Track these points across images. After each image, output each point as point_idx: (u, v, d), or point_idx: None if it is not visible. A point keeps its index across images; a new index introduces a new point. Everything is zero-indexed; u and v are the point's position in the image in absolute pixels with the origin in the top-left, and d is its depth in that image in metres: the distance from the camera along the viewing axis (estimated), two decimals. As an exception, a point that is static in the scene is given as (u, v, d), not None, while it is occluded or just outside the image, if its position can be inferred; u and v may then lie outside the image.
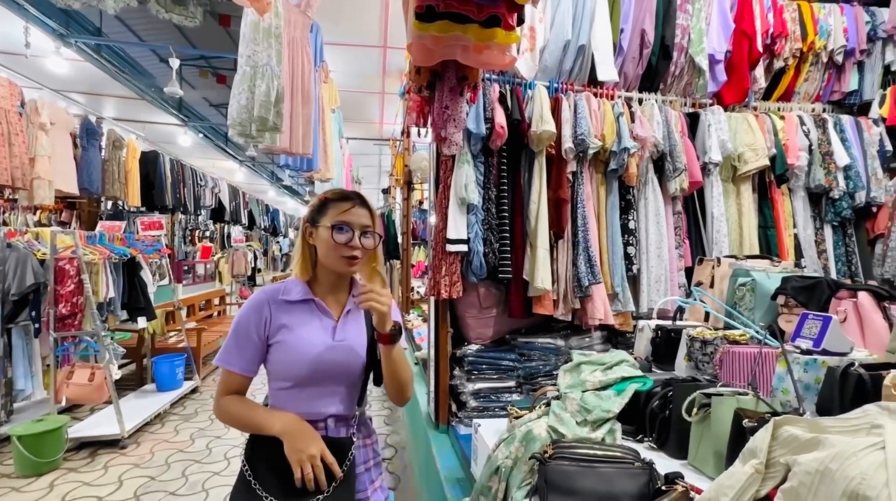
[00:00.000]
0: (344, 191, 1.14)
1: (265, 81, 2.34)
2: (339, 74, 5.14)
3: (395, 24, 4.15)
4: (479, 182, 2.09)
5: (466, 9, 1.37)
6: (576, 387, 1.30)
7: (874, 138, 2.66)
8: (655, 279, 2.27)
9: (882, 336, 1.26)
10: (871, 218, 2.68)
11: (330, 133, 3.95)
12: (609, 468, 0.93)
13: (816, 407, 0.99)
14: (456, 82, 1.67)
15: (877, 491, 0.54)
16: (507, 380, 2.10)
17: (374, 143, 7.49)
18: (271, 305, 1.09)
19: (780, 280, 1.55)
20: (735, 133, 2.45)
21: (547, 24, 2.26)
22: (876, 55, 2.75)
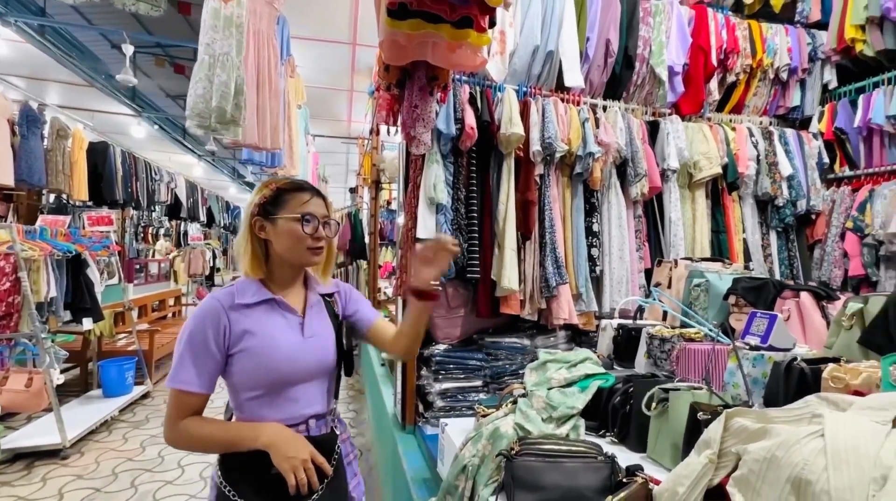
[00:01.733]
0: (296, 181, 1.08)
1: (225, 71, 2.25)
2: (307, 69, 5.03)
3: (365, 20, 4.10)
4: (448, 182, 2.10)
5: (439, 8, 1.37)
6: (542, 385, 1.33)
7: (814, 151, 2.87)
8: (617, 280, 2.35)
9: (820, 333, 1.36)
10: (811, 225, 2.89)
11: (296, 129, 3.85)
12: (573, 462, 0.95)
13: (764, 399, 1.06)
14: (426, 82, 1.67)
15: (817, 476, 0.58)
16: (475, 380, 2.12)
17: (341, 141, 7.36)
18: (228, 311, 0.99)
19: (731, 281, 1.64)
20: (691, 142, 2.58)
21: (517, 28, 2.29)
22: (816, 74, 2.97)
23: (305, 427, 1.05)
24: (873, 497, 0.52)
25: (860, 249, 2.56)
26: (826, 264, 2.75)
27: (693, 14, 2.67)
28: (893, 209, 2.40)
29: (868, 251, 2.53)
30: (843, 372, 0.91)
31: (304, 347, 1.05)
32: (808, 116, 2.99)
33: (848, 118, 2.80)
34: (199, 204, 8.74)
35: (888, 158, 2.64)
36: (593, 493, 0.91)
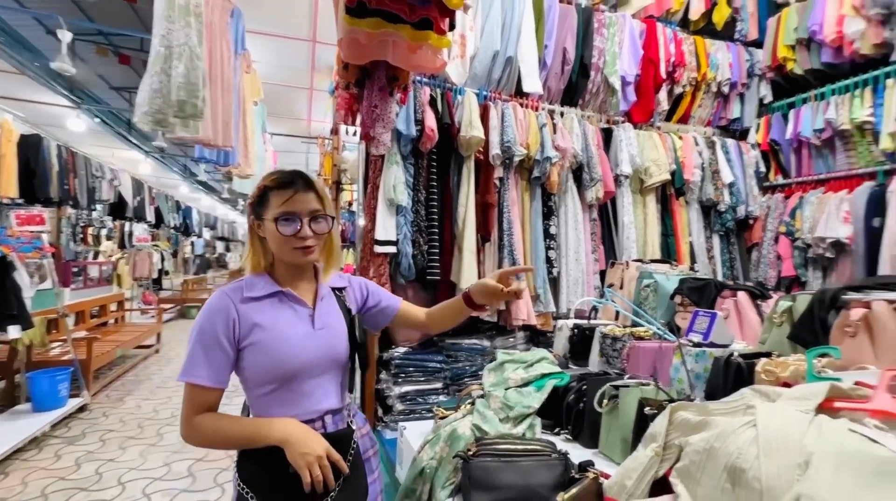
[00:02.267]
0: (283, 175, 1.01)
1: (183, 61, 2.13)
2: (264, 65, 4.87)
3: (324, 17, 4.02)
4: (408, 184, 2.09)
5: (399, 8, 1.37)
6: (499, 385, 1.34)
7: (752, 160, 3.08)
8: (574, 281, 2.42)
9: (756, 329, 1.46)
10: (749, 229, 3.10)
11: (252, 127, 3.72)
12: (528, 461, 0.97)
13: (705, 393, 1.11)
14: (386, 82, 1.66)
15: (750, 463, 0.61)
16: (435, 382, 2.11)
17: (301, 140, 7.18)
18: (237, 305, 0.97)
19: (678, 282, 1.73)
20: (642, 149, 2.70)
21: (477, 33, 2.32)
22: (753, 89, 3.19)
23: (322, 423, 1.01)
24: (797, 481, 0.56)
25: (792, 251, 2.77)
26: (762, 265, 2.95)
27: (644, 27, 2.80)
28: (819, 215, 2.62)
29: (798, 254, 2.74)
30: (774, 366, 0.98)
31: (314, 338, 1.02)
32: (747, 128, 3.21)
33: (781, 131, 3.02)
34: (147, 203, 8.24)
35: (815, 168, 2.88)
36: (547, 490, 0.92)
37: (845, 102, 2.66)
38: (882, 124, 2.47)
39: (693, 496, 0.67)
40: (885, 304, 1.05)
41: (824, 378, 0.78)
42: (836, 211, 2.53)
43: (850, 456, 0.55)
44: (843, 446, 0.57)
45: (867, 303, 1.08)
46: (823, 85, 2.83)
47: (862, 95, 2.59)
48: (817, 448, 0.58)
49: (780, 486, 0.56)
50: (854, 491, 0.51)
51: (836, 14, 2.64)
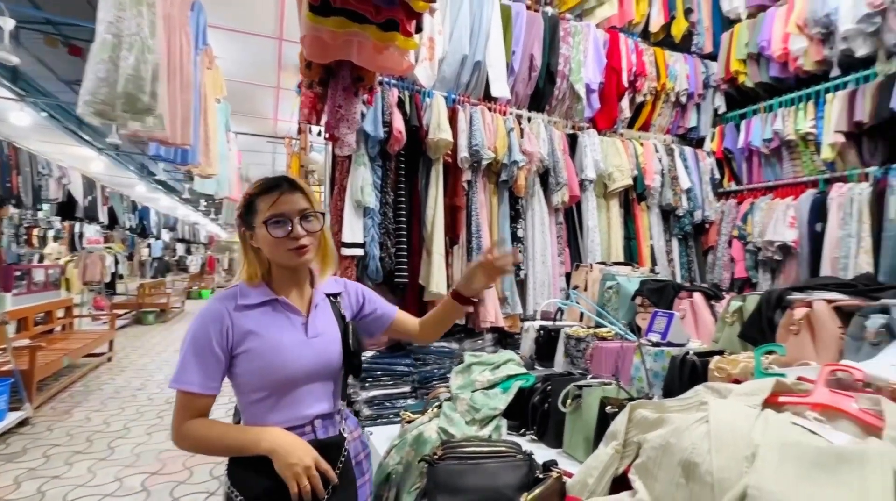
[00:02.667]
0: (267, 180, 1.02)
1: (133, 53, 2.02)
2: (228, 62, 4.71)
3: (291, 15, 3.93)
4: (375, 185, 2.07)
5: (364, 8, 1.35)
6: (466, 388, 1.34)
7: (707, 168, 3.24)
8: (540, 283, 2.46)
9: (710, 329, 1.52)
10: (705, 233, 3.25)
11: (214, 125, 3.59)
12: (494, 463, 0.97)
13: (663, 391, 1.15)
14: (351, 82, 1.63)
15: (703, 458, 0.64)
16: (403, 386, 2.09)
17: (267, 140, 6.98)
18: (230, 312, 0.98)
19: (639, 284, 1.79)
20: (606, 155, 2.79)
21: (446, 36, 2.33)
22: (709, 99, 3.35)
23: (311, 429, 1.02)
24: (745, 473, 0.58)
25: (744, 254, 2.92)
26: (717, 267, 3.10)
27: (607, 38, 2.90)
28: (768, 220, 2.78)
29: (749, 256, 2.90)
30: (725, 363, 1.02)
31: (308, 346, 1.02)
32: (703, 137, 3.37)
33: (734, 140, 3.19)
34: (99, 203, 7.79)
35: (764, 176, 3.05)
36: (512, 491, 0.93)
37: (791, 114, 2.83)
38: (823, 135, 2.64)
39: (650, 491, 0.68)
40: (824, 303, 1.12)
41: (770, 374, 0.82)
42: (783, 216, 2.69)
43: (792, 448, 0.58)
44: (786, 438, 0.60)
45: (809, 303, 1.14)
46: (772, 98, 3.01)
47: (805, 107, 2.77)
48: (763, 441, 0.60)
49: (730, 478, 0.58)
50: (795, 481, 0.53)
51: (782, 32, 2.82)
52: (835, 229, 2.47)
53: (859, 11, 2.43)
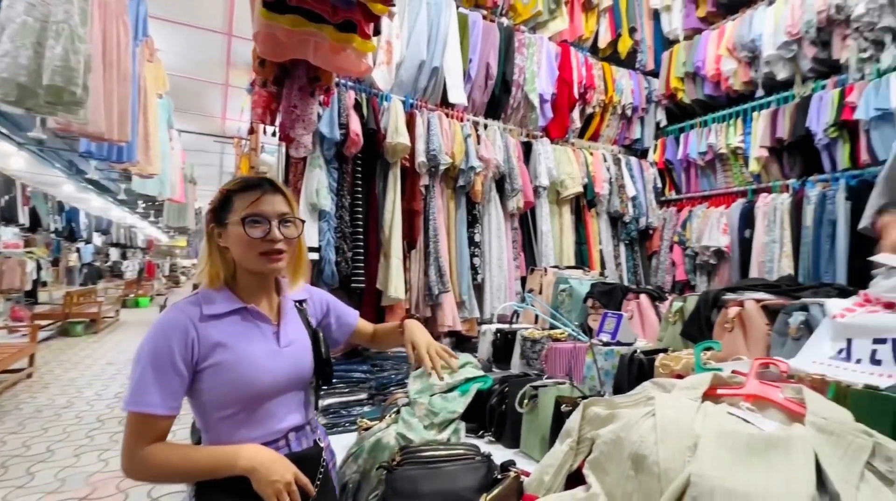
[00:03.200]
0: (248, 178, 0.97)
1: (61, 42, 1.86)
2: (171, 55, 4.45)
3: (242, 10, 3.78)
4: (332, 189, 2.03)
5: (321, 8, 1.33)
6: (425, 392, 1.33)
7: (650, 177, 3.44)
8: (497, 287, 2.50)
9: (655, 328, 1.62)
10: (649, 239, 3.45)
11: (154, 121, 3.37)
12: (453, 466, 0.97)
13: (613, 388, 1.21)
14: (307, 82, 1.60)
15: (650, 449, 0.67)
16: (359, 393, 2.04)
17: (214, 139, 6.65)
18: (195, 322, 0.89)
19: (590, 286, 1.87)
20: (559, 163, 2.90)
21: (403, 41, 2.34)
22: (651, 113, 3.57)
23: (285, 442, 0.96)
24: (688, 462, 0.62)
25: (683, 258, 3.13)
26: (660, 271, 3.29)
27: (559, 51, 3.02)
28: (704, 227, 2.99)
29: (688, 261, 3.10)
30: (669, 360, 1.09)
31: (280, 357, 0.96)
32: (646, 148, 3.59)
33: (674, 152, 3.42)
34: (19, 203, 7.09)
35: (700, 186, 3.29)
36: (472, 493, 0.93)
37: (723, 129, 3.08)
38: (750, 150, 2.89)
39: (602, 484, 0.71)
40: (754, 303, 1.22)
41: (709, 369, 0.88)
42: (717, 223, 2.91)
43: (727, 436, 0.63)
44: (722, 428, 0.65)
45: (741, 302, 1.24)
46: (706, 114, 3.26)
47: (735, 124, 3.02)
48: (703, 431, 0.65)
49: (675, 468, 0.62)
50: (732, 466, 0.58)
51: (715, 54, 3.06)
52: (761, 235, 2.70)
53: (779, 39, 2.69)
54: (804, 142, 2.62)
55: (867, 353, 0.81)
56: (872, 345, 0.81)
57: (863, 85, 2.35)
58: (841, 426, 0.60)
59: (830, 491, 0.53)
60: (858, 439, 0.57)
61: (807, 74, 2.70)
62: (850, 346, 0.85)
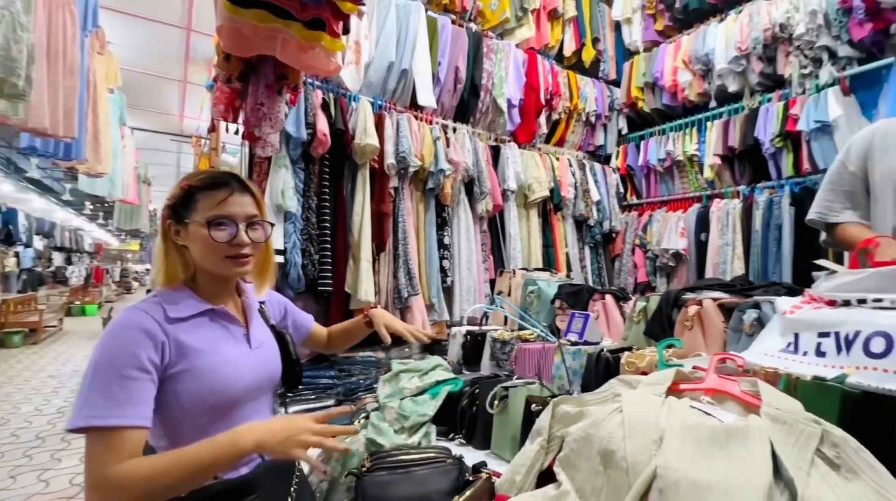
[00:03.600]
0: (214, 175, 0.90)
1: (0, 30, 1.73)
2: (125, 48, 4.23)
3: (203, 4, 3.64)
4: (298, 189, 1.98)
5: (288, 4, 1.30)
6: (395, 396, 1.31)
7: (613, 182, 3.57)
8: (466, 290, 2.51)
9: (620, 327, 1.67)
10: (612, 242, 3.57)
11: (105, 118, 3.18)
12: (424, 469, 0.96)
13: (581, 386, 1.23)
14: (274, 79, 1.55)
15: (618, 445, 0.69)
16: (326, 399, 1.99)
17: (171, 138, 6.35)
18: (164, 325, 0.82)
19: (557, 288, 1.90)
20: (526, 167, 2.95)
21: (372, 42, 2.32)
22: (614, 121, 3.70)
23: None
24: (654, 455, 0.64)
25: (644, 260, 3.25)
26: (623, 273, 3.41)
27: (526, 57, 3.08)
28: (664, 230, 3.12)
29: (649, 263, 3.23)
30: (634, 358, 1.12)
31: (252, 358, 0.93)
32: (609, 154, 3.71)
33: (635, 158, 3.55)
34: (-53, 203, 6.49)
35: (660, 191, 3.43)
36: (443, 496, 0.92)
37: (680, 138, 3.23)
38: (705, 157, 3.05)
39: (573, 481, 0.72)
40: (711, 302, 1.28)
41: (671, 365, 0.92)
42: (675, 227, 3.05)
43: (690, 429, 0.65)
44: (685, 421, 0.67)
45: (699, 301, 1.30)
46: (665, 123, 3.41)
47: (691, 133, 3.18)
48: (668, 425, 0.67)
49: (642, 462, 0.63)
50: (695, 458, 0.60)
51: (672, 66, 3.22)
52: (715, 238, 2.85)
53: (730, 54, 2.86)
54: (753, 151, 2.79)
55: (813, 346, 0.86)
56: (817, 338, 0.86)
57: (804, 99, 2.53)
58: (792, 416, 0.63)
59: (785, 477, 0.56)
60: (808, 427, 0.61)
61: (754, 88, 2.88)
62: (798, 340, 0.91)
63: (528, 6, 3.05)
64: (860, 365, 0.76)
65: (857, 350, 0.78)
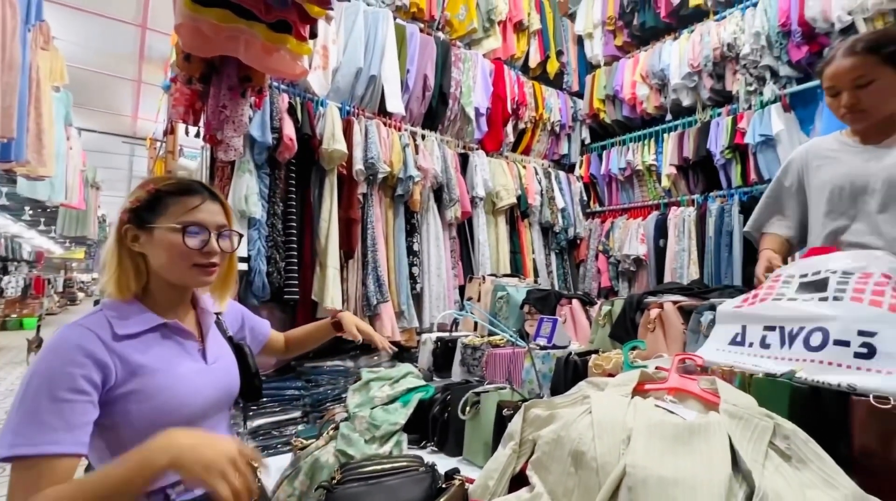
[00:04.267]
0: (185, 181, 0.89)
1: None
2: (72, 45, 3.99)
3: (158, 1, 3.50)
4: (262, 195, 1.92)
5: (252, 4, 1.27)
6: (365, 405, 1.29)
7: (577, 190, 3.68)
8: (436, 296, 2.51)
9: (586, 331, 1.71)
10: (577, 248, 3.67)
11: (49, 117, 2.98)
12: (396, 479, 0.94)
13: (551, 389, 1.25)
14: (237, 81, 1.51)
15: (588, 446, 0.70)
16: (293, 411, 1.94)
17: (122, 140, 6.02)
18: (109, 343, 0.76)
19: (525, 293, 1.94)
20: (494, 175, 2.99)
21: (340, 47, 2.30)
22: (577, 131, 3.83)
23: None
24: (623, 454, 0.66)
25: (608, 266, 3.36)
26: (587, 278, 3.51)
27: (493, 67, 3.14)
28: (625, 237, 3.24)
29: (612, 268, 3.34)
30: (601, 360, 1.15)
31: (209, 375, 0.89)
32: (573, 163, 3.83)
33: (597, 167, 3.68)
34: None
35: (621, 199, 3.57)
36: (416, 505, 0.91)
37: (639, 148, 3.38)
38: (662, 167, 3.20)
39: (545, 483, 0.73)
40: (671, 304, 1.33)
41: (636, 367, 0.95)
42: (636, 234, 3.17)
43: (656, 427, 0.67)
44: (651, 420, 0.70)
45: (661, 304, 1.36)
46: (625, 133, 3.56)
47: (649, 143, 3.33)
48: (635, 425, 0.69)
49: (612, 461, 0.65)
50: (661, 455, 0.62)
51: (631, 80, 3.37)
52: (673, 244, 2.98)
53: (683, 70, 3.03)
54: (706, 161, 2.95)
55: (758, 338, 0.92)
56: (763, 331, 0.92)
57: (750, 114, 2.71)
58: (748, 411, 0.67)
59: (743, 470, 0.59)
60: (762, 422, 0.64)
61: (706, 102, 3.06)
62: (745, 332, 0.96)
63: (495, 18, 3.12)
64: (801, 358, 0.82)
65: (799, 344, 0.84)
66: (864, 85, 1.13)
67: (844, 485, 0.56)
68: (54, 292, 15.42)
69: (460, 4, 2.94)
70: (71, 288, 17.36)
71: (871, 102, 1.14)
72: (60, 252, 18.68)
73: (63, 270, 19.28)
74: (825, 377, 0.74)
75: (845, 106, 1.16)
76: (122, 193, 8.62)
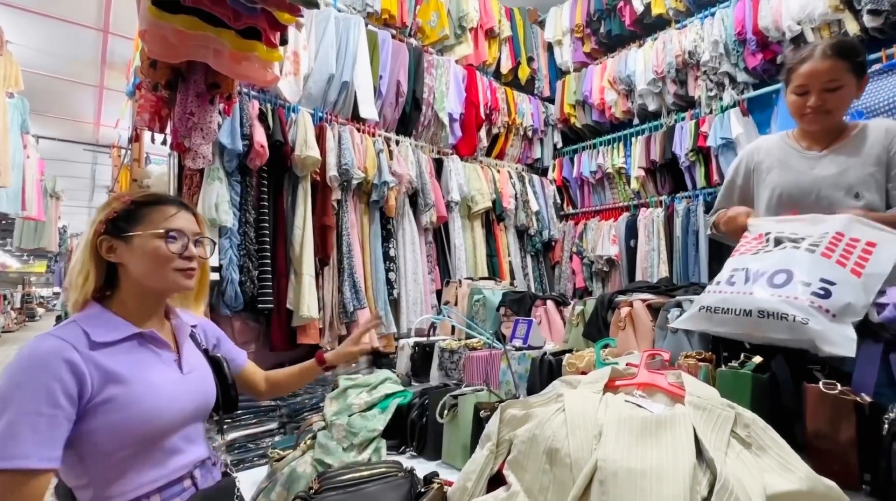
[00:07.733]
0: (158, 193, 0.95)
1: None
2: (30, 50, 3.83)
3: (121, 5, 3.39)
4: (234, 203, 1.89)
5: (220, 11, 1.25)
6: (342, 413, 1.28)
7: (551, 193, 3.75)
8: (413, 301, 2.51)
9: (561, 331, 1.75)
10: (552, 250, 3.74)
11: (4, 125, 2.85)
12: (375, 486, 0.94)
13: (527, 389, 1.28)
14: (205, 88, 1.48)
15: (562, 443, 0.72)
16: (269, 423, 1.89)
17: (84, 147, 5.79)
18: (84, 352, 0.76)
19: (501, 296, 1.96)
20: (469, 179, 3.02)
21: (311, 53, 2.28)
22: (549, 136, 3.91)
23: (191, 481, 0.87)
24: (595, 449, 0.68)
25: (582, 267, 3.43)
26: (563, 279, 3.57)
27: (465, 73, 3.18)
28: (598, 238, 3.32)
29: (586, 269, 3.41)
30: (574, 359, 1.18)
31: (184, 385, 0.89)
32: (546, 167, 3.90)
33: (569, 171, 3.76)
34: None
35: (593, 201, 3.66)
36: (395, 512, 0.91)
37: (609, 152, 3.47)
38: (631, 170, 3.30)
39: (521, 482, 0.74)
40: (640, 303, 1.38)
41: (607, 364, 0.98)
42: (608, 235, 3.26)
43: (625, 421, 0.70)
44: (621, 414, 0.72)
45: (631, 303, 1.40)
46: (595, 138, 3.65)
47: (618, 147, 3.43)
48: (605, 420, 0.71)
49: (584, 457, 0.67)
50: (630, 448, 0.64)
51: (599, 85, 3.46)
52: (643, 244, 3.08)
53: (648, 76, 3.14)
54: (672, 164, 3.06)
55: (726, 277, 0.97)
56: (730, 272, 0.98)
57: (712, 118, 2.83)
58: (711, 402, 0.70)
59: (706, 459, 0.62)
60: (724, 412, 0.68)
61: (671, 107, 3.17)
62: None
63: (466, 25, 3.16)
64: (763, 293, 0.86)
65: (763, 282, 0.88)
66: (834, 89, 1.17)
67: (800, 469, 0.59)
68: (11, 308, 14.60)
69: (432, 11, 2.97)
70: (30, 303, 16.50)
71: (836, 105, 1.19)
72: (18, 266, 17.73)
73: (21, 284, 18.31)
74: (785, 309, 0.79)
75: (812, 106, 1.19)
76: (84, 202, 8.27)
